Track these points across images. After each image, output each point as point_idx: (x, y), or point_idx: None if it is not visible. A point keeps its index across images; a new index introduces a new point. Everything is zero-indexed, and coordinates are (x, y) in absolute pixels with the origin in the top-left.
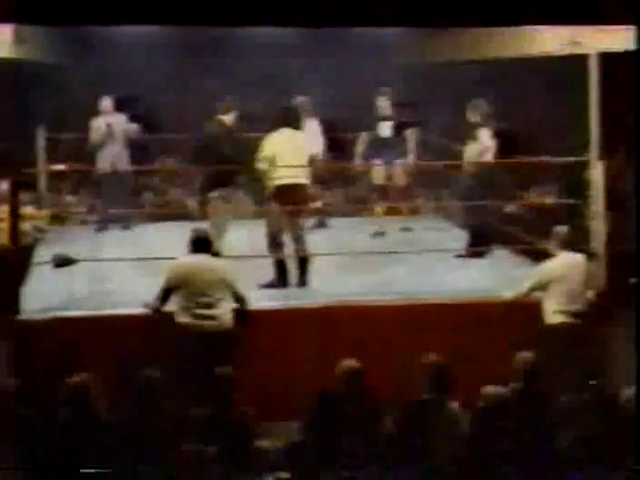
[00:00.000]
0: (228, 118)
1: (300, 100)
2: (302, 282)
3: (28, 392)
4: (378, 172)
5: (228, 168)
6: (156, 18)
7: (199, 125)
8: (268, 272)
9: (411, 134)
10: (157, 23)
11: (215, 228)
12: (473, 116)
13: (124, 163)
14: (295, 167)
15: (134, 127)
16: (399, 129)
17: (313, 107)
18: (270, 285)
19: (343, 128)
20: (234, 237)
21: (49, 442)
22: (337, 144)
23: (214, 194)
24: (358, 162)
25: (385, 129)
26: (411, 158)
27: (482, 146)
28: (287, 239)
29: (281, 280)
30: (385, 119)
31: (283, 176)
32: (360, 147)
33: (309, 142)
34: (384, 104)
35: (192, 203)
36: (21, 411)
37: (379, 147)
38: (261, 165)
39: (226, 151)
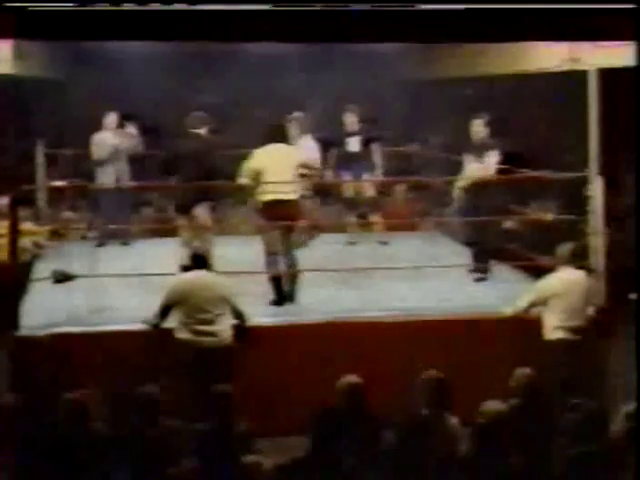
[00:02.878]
0: (201, 132)
1: (296, 115)
2: (291, 298)
3: (27, 408)
4: (347, 185)
5: (232, 184)
6: (156, 34)
7: (174, 140)
8: (258, 288)
9: (376, 148)
10: (157, 39)
11: (202, 244)
12: (478, 132)
13: (125, 179)
14: (280, 183)
15: (135, 142)
16: (366, 144)
17: (308, 123)
18: (273, 303)
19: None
20: (222, 252)
21: (48, 458)
22: None
23: (198, 209)
24: (330, 176)
25: (353, 144)
26: (378, 172)
27: (487, 165)
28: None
29: (280, 298)
30: (352, 134)
31: (269, 192)
32: (331, 162)
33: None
34: (351, 120)
35: (180, 220)
36: (20, 427)
37: (347, 161)
38: (243, 180)
39: (206, 165)
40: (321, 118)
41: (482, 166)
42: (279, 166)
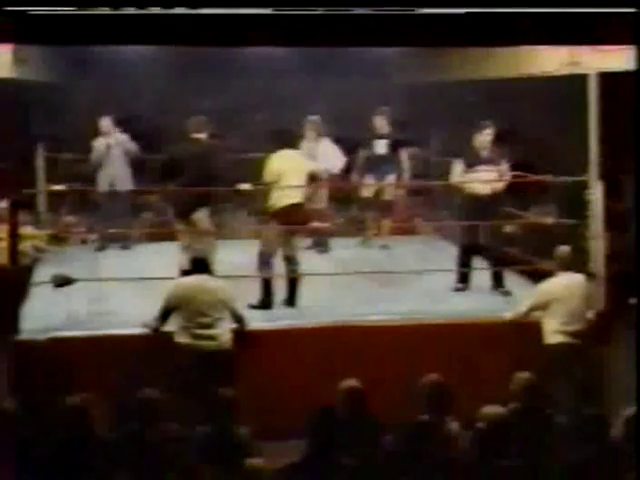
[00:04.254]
0: (202, 136)
1: (312, 119)
2: (291, 302)
3: (27, 412)
4: (368, 187)
5: (233, 189)
6: (156, 38)
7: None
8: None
9: (405, 152)
10: (157, 43)
11: (202, 248)
12: (485, 142)
13: (124, 183)
14: (297, 187)
15: (134, 147)
16: (394, 147)
17: (326, 126)
18: (255, 306)
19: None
20: (222, 257)
21: (48, 462)
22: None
23: (198, 214)
24: (356, 178)
25: (381, 147)
26: (405, 176)
27: (500, 171)
28: (278, 259)
29: (266, 301)
30: (381, 137)
31: (285, 196)
32: (359, 163)
33: (324, 160)
34: (381, 123)
35: (178, 225)
36: (20, 431)
37: (374, 164)
38: (244, 185)
39: (207, 170)
40: (331, 120)
41: (493, 172)
42: (293, 171)
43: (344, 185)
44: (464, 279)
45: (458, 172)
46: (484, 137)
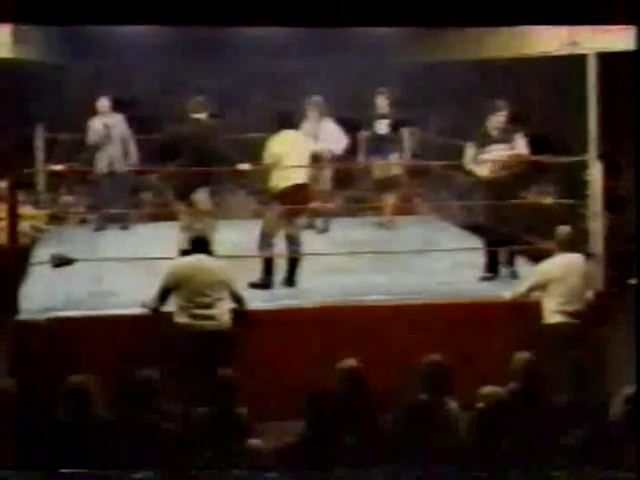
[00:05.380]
0: (202, 117)
1: (314, 100)
2: (291, 282)
3: (27, 392)
4: (378, 167)
5: (232, 169)
6: (156, 18)
7: (173, 124)
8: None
9: (406, 132)
10: (157, 23)
11: (202, 228)
12: (498, 122)
13: (122, 163)
14: (300, 167)
15: (127, 132)
16: (395, 127)
17: (327, 106)
18: (256, 285)
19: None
20: (224, 237)
21: (48, 442)
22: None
23: (198, 194)
24: (361, 158)
25: (382, 127)
26: (407, 155)
27: (518, 148)
28: (279, 239)
29: (267, 280)
30: (383, 117)
31: (289, 177)
32: (362, 144)
33: (327, 141)
34: (382, 103)
35: (178, 205)
36: (20, 411)
37: (376, 144)
38: (245, 165)
39: (207, 150)
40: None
41: (509, 150)
42: (295, 152)
43: (351, 166)
44: (493, 268)
45: (471, 155)
46: (498, 118)
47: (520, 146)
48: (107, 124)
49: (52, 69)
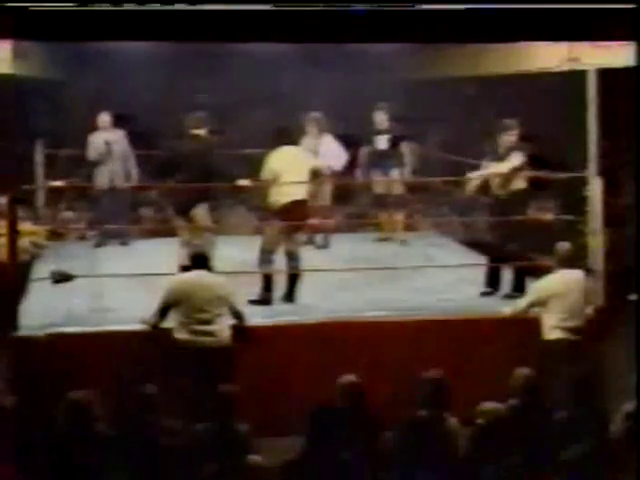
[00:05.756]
0: (201, 132)
1: (313, 115)
2: (291, 298)
3: (27, 408)
4: (378, 183)
5: (232, 185)
6: (156, 34)
7: (173, 140)
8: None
9: (406, 147)
10: (157, 39)
11: (202, 244)
12: (505, 138)
13: (122, 179)
14: (299, 184)
15: (128, 149)
16: (395, 142)
17: (327, 122)
18: (255, 301)
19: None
20: (221, 253)
21: (49, 458)
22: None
23: (197, 210)
24: (360, 174)
25: (382, 142)
26: (407, 170)
27: (505, 165)
28: (279, 255)
29: (267, 296)
30: (382, 133)
31: (288, 193)
32: (362, 160)
33: (327, 157)
34: (381, 118)
35: (178, 221)
36: (20, 428)
37: (377, 159)
38: (244, 181)
39: (207, 166)
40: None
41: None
42: (294, 168)
43: (351, 182)
44: (494, 283)
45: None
46: (510, 138)
47: (513, 162)
48: (108, 141)
49: (52, 85)
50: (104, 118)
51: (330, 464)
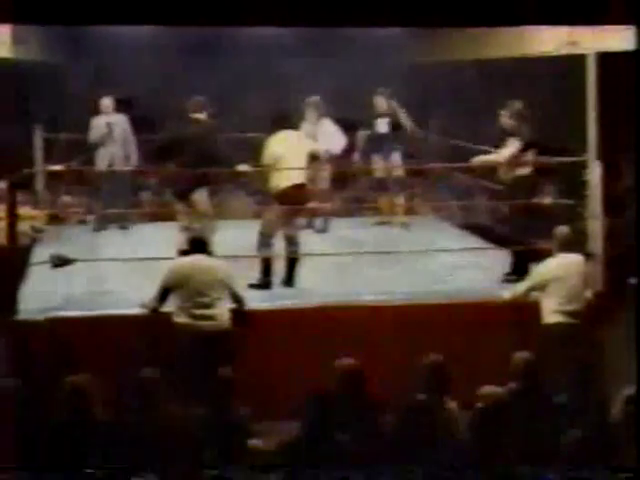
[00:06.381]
0: (201, 116)
1: (312, 99)
2: (290, 282)
3: (26, 392)
4: (378, 166)
5: (232, 170)
6: (155, 18)
7: (172, 123)
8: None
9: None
10: (156, 23)
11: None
12: (508, 120)
13: (122, 163)
14: (299, 169)
15: (129, 133)
16: (396, 126)
17: (326, 106)
18: (255, 286)
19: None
20: (224, 237)
21: (47, 442)
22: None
23: (197, 195)
24: (357, 158)
25: (382, 126)
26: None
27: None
28: (278, 239)
29: (266, 281)
30: (382, 116)
31: (287, 177)
32: (360, 143)
33: (325, 141)
34: (381, 102)
35: (177, 205)
36: (19, 411)
37: (377, 143)
38: (244, 166)
39: (207, 150)
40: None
41: (495, 154)
42: (294, 152)
43: (351, 167)
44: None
45: (485, 156)
46: (508, 120)
47: (510, 149)
48: (110, 123)
49: (51, 69)
50: (106, 102)
51: (329, 447)
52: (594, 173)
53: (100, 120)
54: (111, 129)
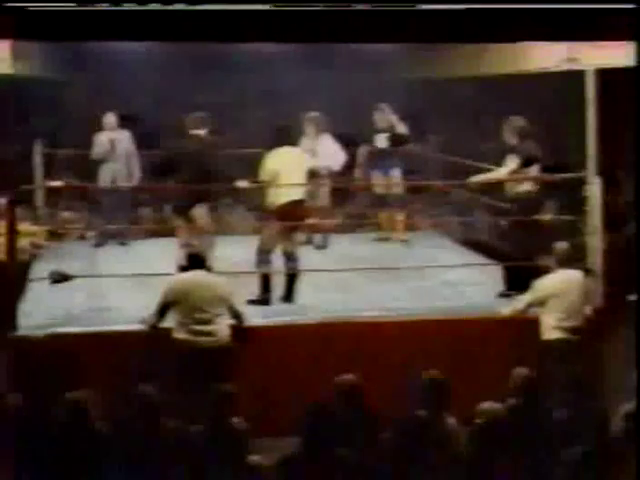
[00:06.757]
0: (201, 133)
1: (312, 115)
2: (289, 298)
3: (26, 408)
4: (378, 183)
5: (232, 185)
6: (156, 34)
7: (173, 140)
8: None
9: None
10: (157, 39)
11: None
12: (510, 137)
13: (125, 179)
14: (298, 185)
15: (132, 147)
16: (395, 142)
17: (326, 122)
18: (254, 301)
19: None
20: (223, 253)
21: (47, 458)
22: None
23: (197, 210)
24: (359, 173)
25: (382, 141)
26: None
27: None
28: (277, 255)
29: (265, 296)
30: (381, 132)
31: (286, 193)
32: (360, 159)
33: (325, 157)
34: (380, 118)
35: (177, 220)
36: (19, 427)
37: (377, 159)
38: (243, 183)
39: (206, 166)
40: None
41: (494, 172)
42: (292, 169)
43: (351, 183)
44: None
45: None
46: (504, 133)
47: (510, 165)
48: (112, 139)
49: (52, 85)
50: (109, 118)
51: (328, 464)
52: (594, 189)
53: (103, 136)
54: (114, 145)
